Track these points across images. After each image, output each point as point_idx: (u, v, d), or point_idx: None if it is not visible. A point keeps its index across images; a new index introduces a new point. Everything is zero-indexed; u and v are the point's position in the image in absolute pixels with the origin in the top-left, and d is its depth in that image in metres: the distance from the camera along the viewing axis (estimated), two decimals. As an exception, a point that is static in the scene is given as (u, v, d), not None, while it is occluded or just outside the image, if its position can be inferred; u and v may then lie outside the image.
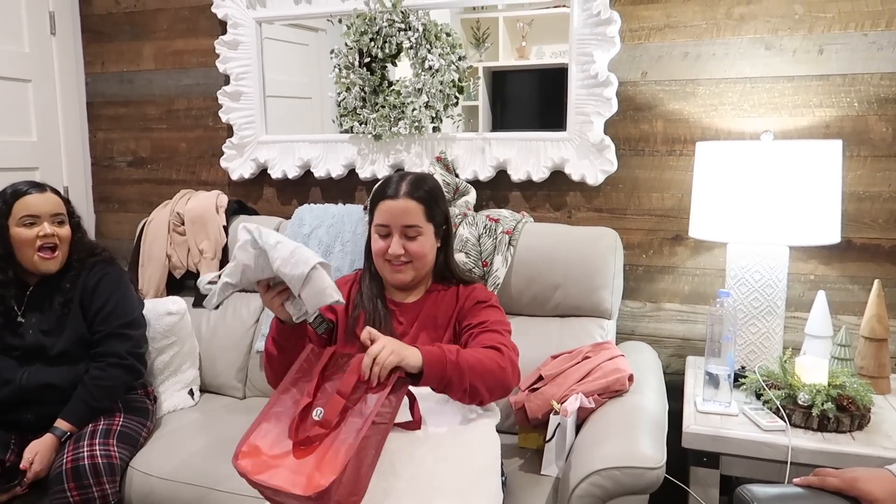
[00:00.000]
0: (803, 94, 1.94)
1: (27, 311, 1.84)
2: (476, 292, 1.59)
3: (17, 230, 1.78)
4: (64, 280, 1.85)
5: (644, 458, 1.35)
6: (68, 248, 1.86)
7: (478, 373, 1.34)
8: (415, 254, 1.52)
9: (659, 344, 2.15)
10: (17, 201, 1.78)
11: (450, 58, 2.18)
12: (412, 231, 1.51)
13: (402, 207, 1.50)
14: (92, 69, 2.77)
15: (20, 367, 1.79)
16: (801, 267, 1.99)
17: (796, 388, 1.58)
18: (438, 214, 1.56)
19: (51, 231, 1.79)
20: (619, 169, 2.11)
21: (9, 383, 1.77)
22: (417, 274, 1.56)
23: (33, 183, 1.84)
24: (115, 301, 1.86)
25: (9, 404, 1.77)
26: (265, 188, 2.57)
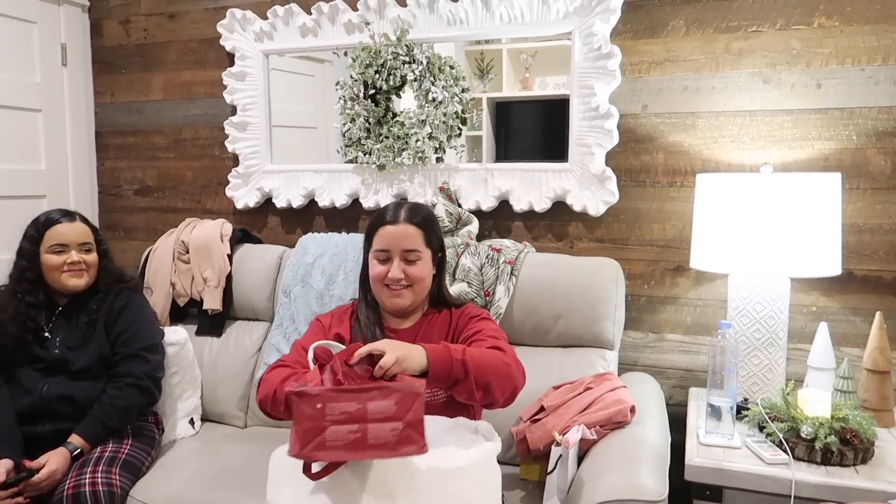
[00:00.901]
0: (802, 127, 1.96)
1: (55, 328, 1.92)
2: (468, 309, 1.64)
3: (46, 256, 1.88)
4: (91, 301, 1.94)
5: (646, 490, 1.34)
6: (96, 272, 1.96)
7: (484, 369, 1.35)
8: (414, 278, 1.55)
9: (661, 375, 2.14)
10: (49, 230, 1.89)
11: (453, 90, 2.22)
12: (412, 255, 1.54)
13: (402, 232, 1.54)
14: (101, 99, 2.81)
15: (43, 378, 1.85)
16: (802, 298, 1.99)
17: (799, 420, 1.57)
18: (435, 240, 1.60)
19: (78, 259, 1.89)
20: (621, 200, 2.12)
21: (30, 393, 1.83)
22: (416, 299, 1.59)
23: (65, 212, 1.95)
24: (137, 326, 1.94)
25: (27, 415, 1.81)
26: (269, 217, 2.59)
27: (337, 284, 2.16)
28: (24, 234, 1.91)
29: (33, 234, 1.89)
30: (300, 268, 2.22)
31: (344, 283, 2.16)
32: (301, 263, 2.23)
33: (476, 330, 1.55)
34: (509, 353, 1.46)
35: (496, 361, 1.39)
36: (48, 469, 1.68)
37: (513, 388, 1.42)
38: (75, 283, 1.89)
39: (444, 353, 1.32)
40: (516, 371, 1.43)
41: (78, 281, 1.90)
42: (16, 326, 1.85)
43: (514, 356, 1.46)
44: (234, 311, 2.38)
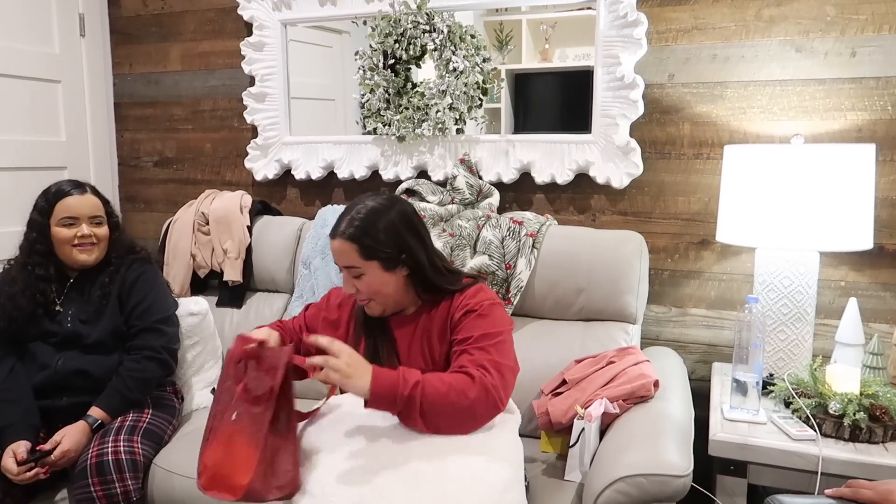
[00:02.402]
0: (835, 98, 1.91)
1: (66, 302, 1.90)
2: (466, 299, 1.47)
3: (56, 229, 1.85)
4: (103, 274, 1.91)
5: (670, 465, 1.32)
6: (106, 245, 1.92)
7: (436, 410, 1.29)
8: (367, 292, 1.44)
9: (684, 349, 2.12)
10: (59, 202, 1.85)
11: (474, 60, 2.18)
12: (354, 272, 1.42)
13: (337, 249, 1.42)
14: (120, 70, 2.80)
15: (57, 353, 1.84)
16: (831, 273, 1.95)
17: (827, 396, 1.54)
18: (380, 249, 1.40)
19: (88, 232, 1.86)
20: (645, 172, 2.08)
21: (45, 368, 1.82)
22: (387, 306, 1.48)
23: (76, 183, 1.90)
24: (151, 298, 1.92)
25: (44, 389, 1.81)
26: (289, 189, 2.58)
27: (357, 257, 2.15)
28: (35, 205, 1.87)
29: (43, 206, 1.86)
30: (320, 240, 2.21)
31: (364, 256, 2.14)
32: (321, 235, 2.22)
33: (466, 335, 1.41)
34: (480, 381, 1.33)
35: (456, 398, 1.30)
36: (61, 449, 1.68)
37: (475, 422, 1.34)
38: (85, 258, 1.87)
39: (390, 388, 1.27)
40: (483, 404, 1.33)
41: (88, 256, 1.87)
42: (26, 300, 1.83)
43: (486, 383, 1.33)
44: (254, 283, 2.38)
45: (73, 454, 1.70)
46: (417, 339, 1.50)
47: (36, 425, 1.77)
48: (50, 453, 1.67)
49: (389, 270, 1.42)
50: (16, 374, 1.81)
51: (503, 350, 1.41)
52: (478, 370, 1.34)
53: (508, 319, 1.49)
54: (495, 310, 1.46)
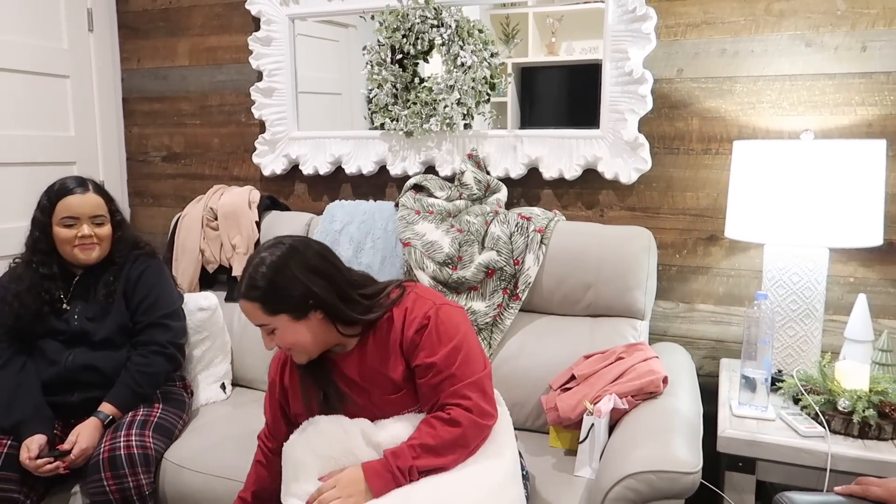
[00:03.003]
0: (845, 93, 1.90)
1: (73, 300, 1.90)
2: (408, 315, 1.39)
3: (57, 229, 1.85)
4: (107, 272, 1.91)
5: (680, 462, 1.33)
6: (109, 244, 1.91)
7: (438, 468, 1.32)
8: (287, 345, 1.38)
9: (692, 345, 2.12)
10: (60, 201, 1.84)
11: (482, 54, 2.17)
12: (265, 329, 1.37)
13: (244, 309, 1.36)
14: (128, 65, 2.81)
15: (66, 349, 1.85)
16: (840, 269, 1.95)
17: (836, 393, 1.54)
18: (287, 301, 1.34)
19: (89, 232, 1.85)
20: (653, 167, 2.08)
21: (55, 364, 1.83)
22: (310, 353, 1.41)
23: (79, 181, 1.89)
24: (156, 293, 1.92)
25: (55, 385, 1.83)
26: (296, 184, 2.58)
27: (365, 252, 2.15)
28: (38, 202, 1.87)
29: (45, 205, 1.85)
30: (328, 235, 2.21)
31: (372, 251, 2.15)
32: (329, 231, 2.22)
33: (428, 362, 1.36)
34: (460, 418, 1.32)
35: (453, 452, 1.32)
36: (79, 447, 1.70)
37: (475, 447, 1.35)
38: (85, 257, 1.86)
39: (390, 485, 1.29)
40: (479, 437, 1.35)
41: (88, 255, 1.86)
42: (32, 297, 1.83)
43: (475, 417, 1.33)
44: (263, 278, 2.38)
45: (90, 452, 1.72)
46: (370, 372, 1.43)
47: (50, 417, 1.79)
48: (68, 453, 1.69)
49: (300, 319, 1.35)
50: (27, 371, 1.82)
51: (470, 360, 1.37)
52: (457, 408, 1.34)
53: (457, 309, 1.44)
54: (442, 312, 1.39)
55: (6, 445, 1.71)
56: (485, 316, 1.98)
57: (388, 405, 1.43)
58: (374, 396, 1.44)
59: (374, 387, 1.43)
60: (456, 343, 1.37)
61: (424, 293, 1.45)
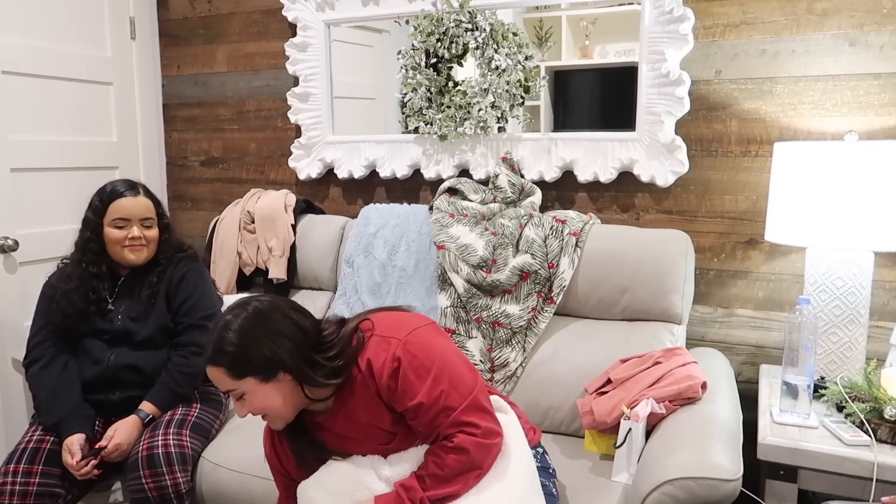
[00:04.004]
0: (891, 93, 1.85)
1: (117, 300, 1.95)
2: (377, 363, 1.32)
3: (109, 230, 1.90)
4: (152, 274, 1.96)
5: (720, 469, 1.30)
6: (156, 247, 1.96)
7: (451, 491, 1.29)
8: (257, 410, 1.33)
9: (730, 351, 2.08)
10: (113, 203, 1.89)
11: (517, 57, 2.17)
12: (234, 393, 1.32)
13: (211, 375, 1.32)
14: (168, 72, 2.87)
15: (109, 349, 1.89)
16: (885, 274, 1.89)
17: (882, 401, 1.50)
18: (252, 364, 1.29)
19: (139, 234, 1.90)
20: (691, 170, 2.05)
21: (98, 363, 1.88)
22: (285, 418, 1.36)
23: (130, 184, 1.94)
24: (197, 295, 1.96)
25: (97, 383, 1.87)
26: (331, 188, 2.61)
27: (399, 255, 2.16)
28: (90, 204, 1.92)
29: (98, 206, 1.90)
30: (363, 238, 2.23)
31: (406, 254, 2.16)
32: (364, 234, 2.24)
33: (414, 404, 1.30)
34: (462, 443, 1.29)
35: (464, 478, 1.30)
36: (114, 443, 1.74)
37: (488, 467, 1.32)
38: (134, 258, 1.91)
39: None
40: (489, 457, 1.32)
41: (137, 256, 1.91)
42: (80, 297, 1.88)
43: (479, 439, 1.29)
44: (298, 281, 2.41)
45: (125, 447, 1.75)
46: (358, 427, 1.38)
47: (91, 416, 1.83)
48: (103, 449, 1.73)
49: (268, 381, 1.30)
50: (69, 370, 1.87)
51: (457, 384, 1.31)
52: (460, 435, 1.29)
53: (426, 329, 1.37)
54: (410, 346, 1.32)
55: (49, 441, 1.76)
56: (519, 319, 1.97)
57: (387, 452, 1.40)
58: (370, 448, 1.40)
59: (368, 439, 1.39)
60: (435, 374, 1.30)
61: (385, 330, 1.35)
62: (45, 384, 1.84)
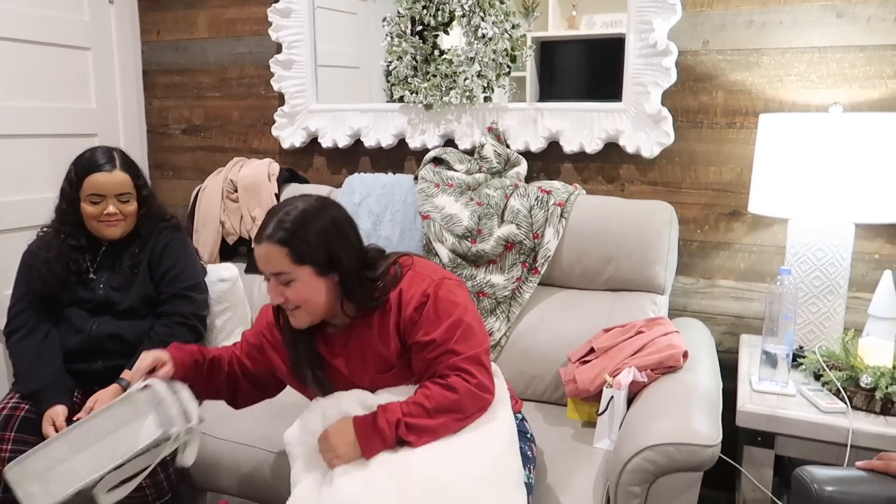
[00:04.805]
0: (876, 65, 1.85)
1: (99, 270, 1.92)
2: (408, 291, 1.37)
3: (84, 205, 1.85)
4: (133, 245, 1.93)
5: (700, 435, 1.33)
6: (134, 220, 1.91)
7: (429, 425, 1.30)
8: (297, 300, 1.33)
9: (711, 321, 2.10)
10: (87, 178, 1.83)
11: (503, 26, 2.14)
12: (283, 278, 1.31)
13: (265, 254, 1.31)
14: (148, 38, 2.81)
15: (91, 318, 1.87)
16: (865, 245, 1.92)
17: (859, 370, 1.53)
18: (314, 253, 1.31)
19: (113, 210, 1.85)
20: (676, 141, 2.05)
21: (80, 332, 1.86)
22: (315, 316, 1.37)
23: (108, 156, 1.87)
24: (181, 265, 1.94)
25: (80, 352, 1.85)
26: (315, 157, 2.58)
27: (384, 225, 2.16)
28: (67, 174, 1.87)
29: (73, 179, 1.85)
30: (347, 208, 2.13)
31: (391, 224, 2.15)
32: (348, 203, 2.22)
33: (427, 339, 1.33)
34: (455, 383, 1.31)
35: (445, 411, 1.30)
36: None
37: (470, 417, 1.33)
38: (110, 234, 1.87)
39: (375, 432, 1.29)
40: (478, 409, 1.34)
41: (113, 232, 1.87)
42: (60, 266, 1.85)
43: (473, 388, 1.31)
44: (282, 251, 2.39)
45: None
46: (361, 349, 1.41)
47: (70, 386, 1.82)
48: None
49: (323, 276, 1.32)
50: (50, 339, 1.85)
51: (469, 335, 1.35)
52: (457, 377, 1.32)
53: (456, 282, 1.42)
54: (441, 289, 1.36)
55: (24, 410, 1.74)
56: (503, 289, 1.98)
57: (380, 382, 1.41)
58: (365, 374, 1.42)
59: (366, 366, 1.41)
60: (455, 318, 1.34)
61: (422, 269, 1.40)
62: (26, 353, 1.82)
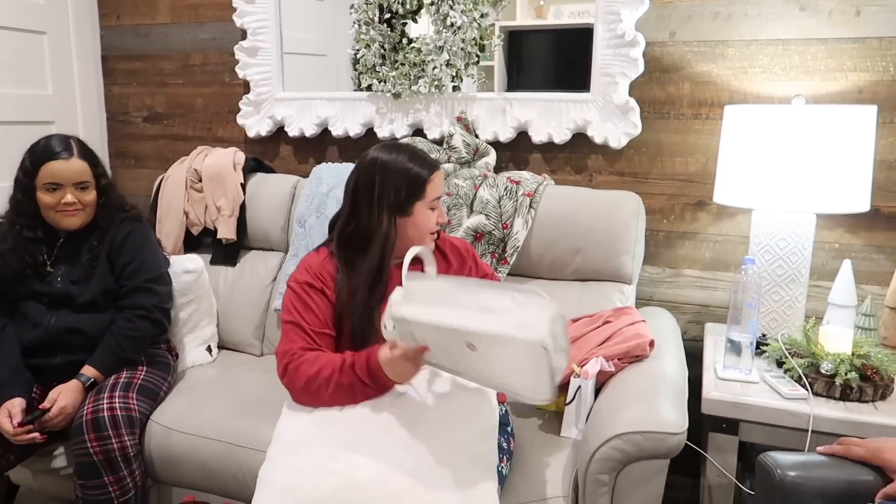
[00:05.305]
0: (837, 58, 1.89)
1: (56, 262, 1.87)
2: (459, 243, 1.66)
3: (40, 194, 1.79)
4: (92, 236, 1.87)
5: (666, 423, 1.34)
6: (93, 210, 1.86)
7: None
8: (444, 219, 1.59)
9: (677, 310, 2.13)
10: (43, 166, 1.77)
11: (472, 15, 2.13)
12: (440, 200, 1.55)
13: (442, 179, 1.53)
14: (107, 22, 2.72)
15: (49, 311, 1.82)
16: (826, 235, 1.96)
17: (819, 357, 1.56)
18: None
19: (72, 199, 1.80)
20: (643, 132, 2.07)
21: (37, 326, 1.81)
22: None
23: (65, 144, 1.81)
24: (142, 257, 1.89)
25: (37, 347, 1.80)
26: (282, 146, 2.54)
27: (352, 215, 2.13)
28: (21, 163, 1.81)
29: (28, 168, 1.79)
30: (315, 198, 2.19)
31: (359, 214, 2.13)
32: (316, 193, 2.19)
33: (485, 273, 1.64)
34: None
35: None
36: (58, 406, 1.68)
37: None
38: (68, 224, 1.81)
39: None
40: None
41: (72, 222, 1.81)
42: (16, 258, 1.80)
43: None
44: (249, 241, 2.36)
45: (70, 410, 1.70)
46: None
47: (28, 381, 1.77)
48: (47, 412, 1.68)
49: None
50: (6, 334, 1.80)
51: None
52: None
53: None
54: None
55: None
56: (473, 280, 1.98)
57: None
58: None
59: None
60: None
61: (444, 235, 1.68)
62: None
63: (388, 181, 1.45)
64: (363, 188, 1.47)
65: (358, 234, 1.48)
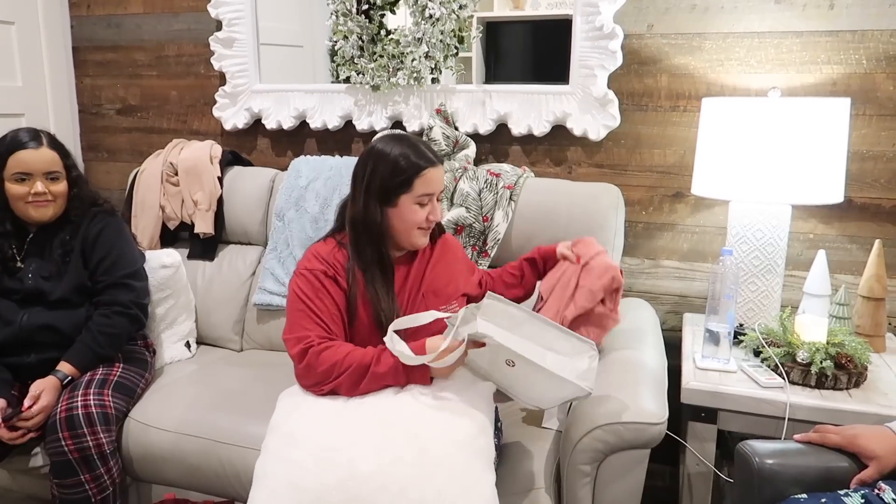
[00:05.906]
0: (811, 51, 1.91)
1: (27, 258, 1.83)
2: (448, 237, 1.71)
3: (9, 185, 1.76)
4: (63, 231, 1.84)
5: (647, 413, 1.36)
6: (64, 202, 1.83)
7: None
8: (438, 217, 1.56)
9: (656, 301, 2.15)
10: (12, 155, 1.74)
11: (451, 6, 2.12)
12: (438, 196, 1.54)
13: (441, 176, 1.52)
14: (77, 11, 2.66)
15: (21, 309, 1.78)
16: (800, 226, 1.99)
17: (795, 346, 1.59)
18: None
19: (42, 189, 1.76)
20: (622, 124, 2.08)
21: (9, 324, 1.77)
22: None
23: (33, 134, 1.78)
24: (117, 252, 1.86)
25: (11, 345, 1.77)
26: (259, 139, 2.51)
27: (332, 208, 2.12)
28: None
29: None
30: (294, 191, 2.17)
31: (339, 208, 2.11)
32: (294, 187, 2.17)
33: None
34: None
35: None
36: (40, 405, 1.65)
37: None
38: (39, 215, 1.78)
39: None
40: None
41: (42, 213, 1.78)
42: None
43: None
44: (227, 235, 2.34)
45: (50, 409, 1.67)
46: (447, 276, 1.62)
47: (8, 380, 1.73)
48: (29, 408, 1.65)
49: None
50: None
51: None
52: None
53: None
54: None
55: None
56: (453, 273, 1.98)
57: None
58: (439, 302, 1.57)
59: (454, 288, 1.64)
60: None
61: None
62: None
63: (377, 170, 1.47)
64: (358, 174, 1.51)
65: (354, 220, 1.51)
